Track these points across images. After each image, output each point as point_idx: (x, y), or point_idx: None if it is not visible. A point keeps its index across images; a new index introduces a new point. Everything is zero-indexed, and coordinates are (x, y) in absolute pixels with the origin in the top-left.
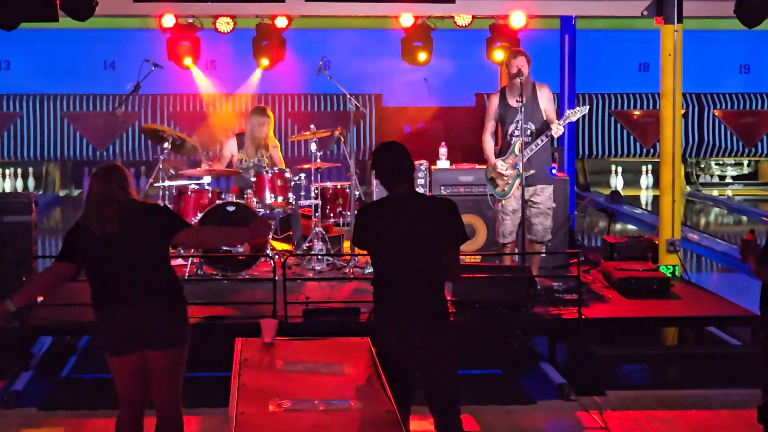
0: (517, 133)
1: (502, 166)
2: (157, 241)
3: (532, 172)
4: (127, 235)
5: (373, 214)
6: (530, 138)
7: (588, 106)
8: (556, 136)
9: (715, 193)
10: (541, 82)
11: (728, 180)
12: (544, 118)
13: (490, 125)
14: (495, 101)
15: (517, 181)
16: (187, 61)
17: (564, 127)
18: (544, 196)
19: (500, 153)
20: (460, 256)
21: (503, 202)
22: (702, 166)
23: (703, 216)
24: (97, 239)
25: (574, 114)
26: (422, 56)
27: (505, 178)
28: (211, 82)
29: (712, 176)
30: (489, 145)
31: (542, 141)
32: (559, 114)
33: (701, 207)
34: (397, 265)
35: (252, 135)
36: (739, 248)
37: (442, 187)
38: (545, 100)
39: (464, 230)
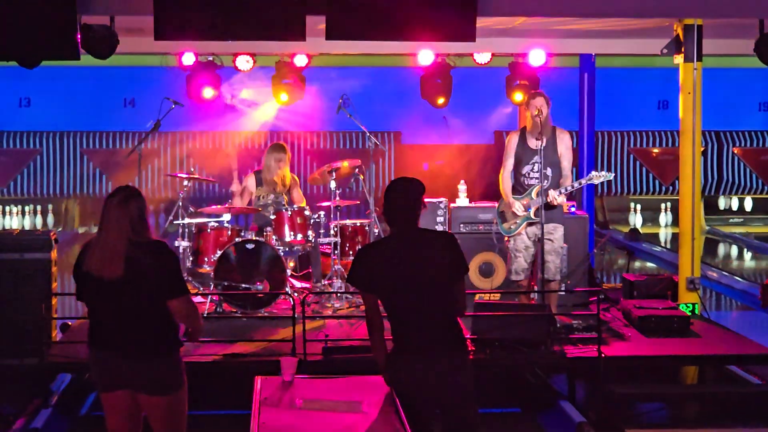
0: (532, 175)
1: (519, 208)
2: (156, 292)
3: (538, 219)
4: (126, 280)
5: (375, 255)
6: (547, 183)
7: (613, 174)
8: (553, 202)
9: (734, 230)
10: (561, 118)
11: (748, 217)
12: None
13: (508, 163)
14: (514, 140)
15: (525, 223)
16: (207, 98)
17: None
18: (557, 235)
19: (514, 191)
20: (479, 293)
21: (507, 238)
22: (721, 203)
23: (723, 254)
24: (96, 278)
25: (599, 177)
26: (441, 94)
27: (516, 218)
28: (231, 120)
29: (731, 198)
30: (507, 183)
31: (543, 200)
32: (582, 158)
33: (720, 245)
34: (408, 302)
35: (269, 172)
36: (761, 292)
37: (462, 225)
38: (563, 146)
39: (465, 261)
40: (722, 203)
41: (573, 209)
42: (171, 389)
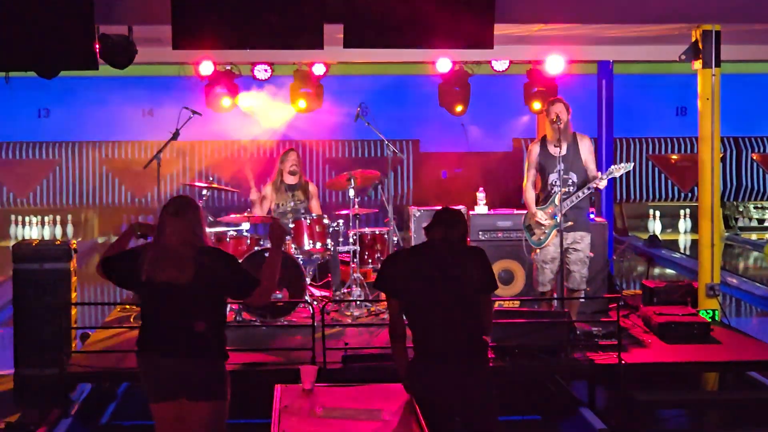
0: (558, 183)
1: (542, 216)
2: (221, 297)
3: (570, 223)
4: (192, 284)
5: (404, 262)
6: (571, 188)
7: (633, 163)
8: (601, 188)
9: (753, 237)
10: (579, 125)
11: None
12: (585, 169)
13: (530, 174)
14: (535, 150)
15: (554, 231)
16: (225, 108)
17: (608, 180)
18: (583, 244)
19: (540, 201)
20: (498, 301)
21: (538, 250)
22: (740, 209)
23: (742, 260)
24: (158, 284)
25: (618, 170)
26: (459, 102)
27: (543, 228)
28: (249, 129)
29: (750, 220)
30: (530, 194)
31: (584, 194)
32: (600, 166)
33: (740, 251)
34: (432, 311)
35: (283, 176)
36: None
37: (480, 233)
38: (586, 151)
39: (494, 277)
40: (741, 222)
41: (592, 216)
42: (216, 396)
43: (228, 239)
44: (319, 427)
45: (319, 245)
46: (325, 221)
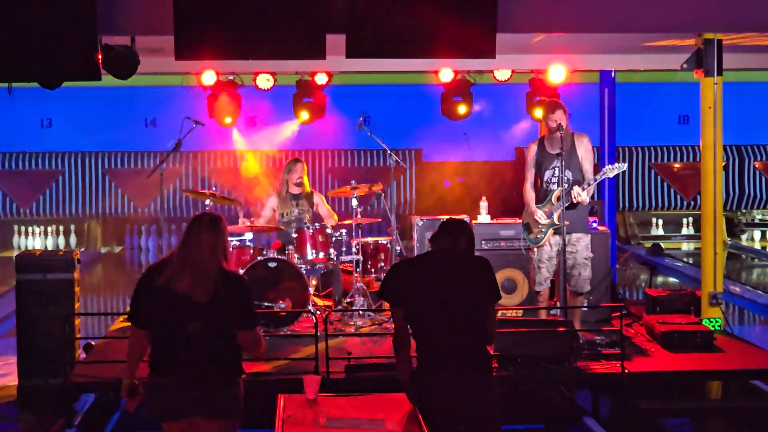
0: (554, 180)
1: (541, 215)
2: (230, 320)
3: (566, 222)
4: (207, 303)
5: (409, 272)
6: (567, 186)
7: (626, 164)
8: (575, 200)
9: (756, 245)
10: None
11: None
12: (581, 167)
13: (530, 175)
14: (534, 149)
15: (551, 230)
16: (228, 118)
17: (604, 181)
18: (580, 245)
19: (538, 200)
20: (501, 310)
21: (536, 249)
22: (743, 218)
23: (745, 268)
24: (171, 298)
25: (612, 170)
26: (462, 111)
27: (540, 226)
28: (252, 139)
29: (754, 228)
30: (530, 194)
31: (565, 204)
32: (607, 187)
33: (743, 259)
34: (437, 321)
35: (287, 186)
36: None
37: (483, 242)
38: (583, 149)
39: (498, 288)
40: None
41: (595, 224)
42: (230, 415)
43: (231, 249)
44: None
45: (322, 255)
46: (328, 231)
